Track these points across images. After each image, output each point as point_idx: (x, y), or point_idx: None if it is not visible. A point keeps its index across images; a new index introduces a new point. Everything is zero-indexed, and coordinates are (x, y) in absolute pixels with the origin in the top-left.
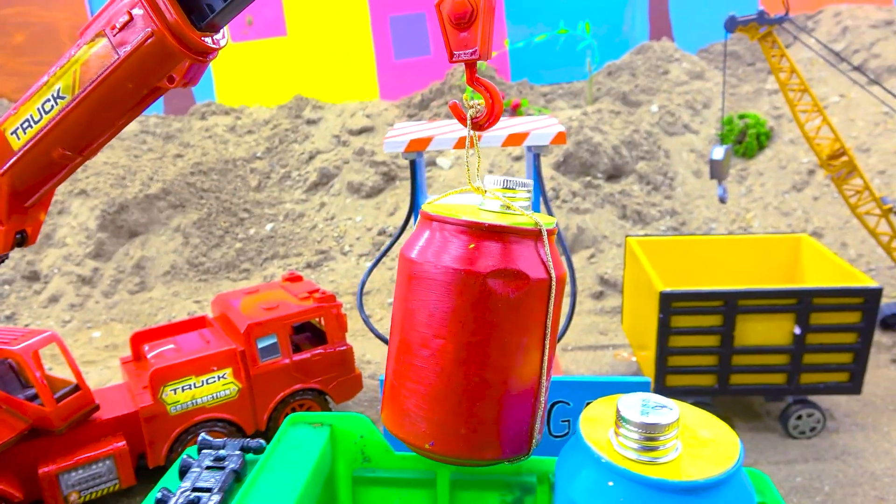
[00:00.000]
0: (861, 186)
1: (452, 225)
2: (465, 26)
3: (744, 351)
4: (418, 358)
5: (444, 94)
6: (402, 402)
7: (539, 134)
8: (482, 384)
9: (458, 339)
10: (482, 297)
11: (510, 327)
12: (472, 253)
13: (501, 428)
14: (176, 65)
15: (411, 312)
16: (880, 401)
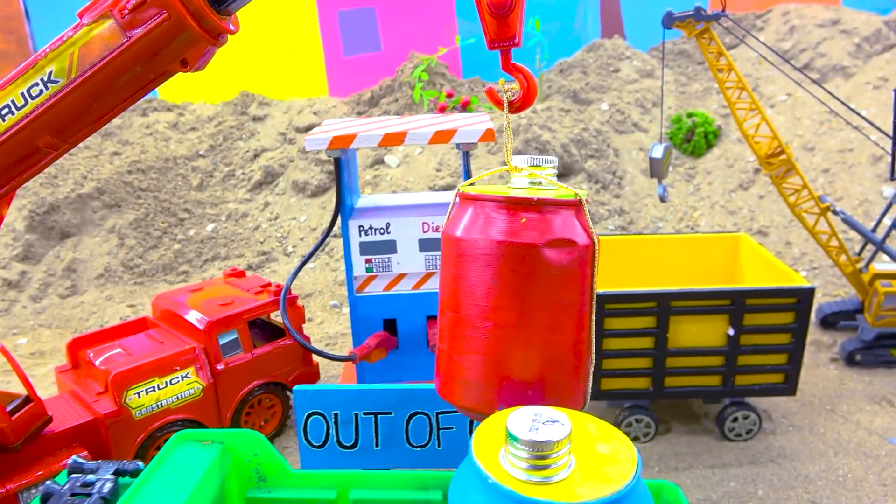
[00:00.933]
0: (799, 185)
1: (500, 202)
2: (503, 16)
3: (678, 353)
4: (480, 330)
5: (394, 90)
6: (465, 374)
7: (467, 131)
8: (545, 346)
9: (521, 308)
10: (539, 266)
11: (565, 291)
12: (525, 226)
13: (563, 385)
14: (191, 48)
15: (468, 289)
16: (817, 401)
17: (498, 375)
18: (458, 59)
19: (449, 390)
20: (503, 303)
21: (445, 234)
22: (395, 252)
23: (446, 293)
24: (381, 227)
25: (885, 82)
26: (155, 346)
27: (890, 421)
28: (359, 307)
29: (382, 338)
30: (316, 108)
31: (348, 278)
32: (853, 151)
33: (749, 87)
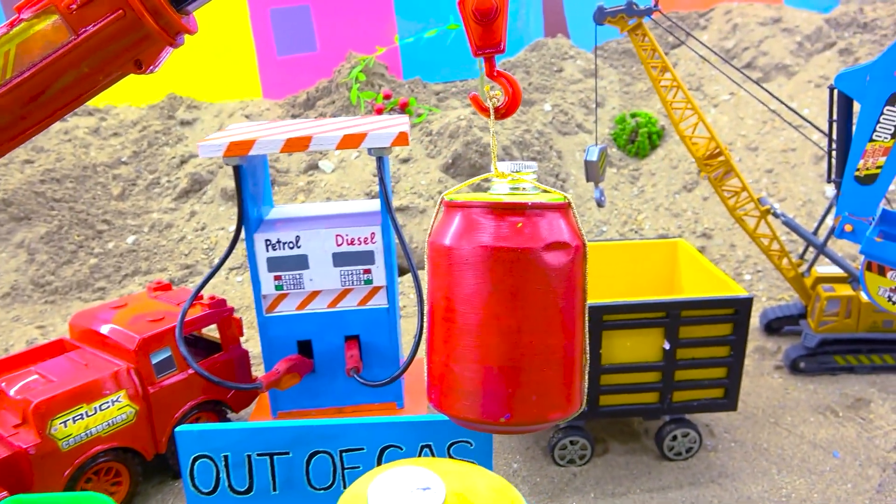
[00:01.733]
0: (739, 187)
1: (495, 208)
2: (488, 23)
3: (613, 370)
4: (482, 339)
5: (331, 92)
6: (467, 385)
7: (378, 135)
8: (546, 350)
9: (523, 313)
10: (537, 270)
11: (563, 293)
12: (521, 231)
13: (564, 388)
14: (148, 48)
15: (466, 298)
16: (761, 413)
17: (503, 383)
18: (397, 58)
19: (450, 403)
20: (504, 309)
21: (436, 244)
22: (307, 268)
23: (440, 303)
24: (291, 240)
25: (827, 80)
26: (78, 370)
27: (833, 433)
28: (269, 328)
29: (295, 362)
30: (248, 111)
31: (256, 297)
32: (796, 151)
33: (693, 86)
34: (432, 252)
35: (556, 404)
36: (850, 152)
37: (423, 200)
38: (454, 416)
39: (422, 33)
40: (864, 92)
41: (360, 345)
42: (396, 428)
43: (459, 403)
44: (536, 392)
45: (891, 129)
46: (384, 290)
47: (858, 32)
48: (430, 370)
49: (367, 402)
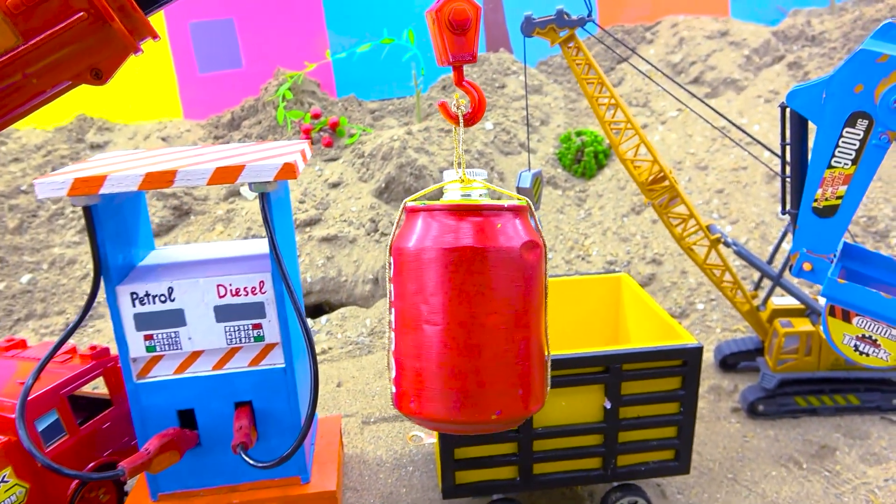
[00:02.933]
0: (686, 214)
1: (455, 210)
2: (462, 32)
3: (547, 434)
4: (469, 339)
5: (258, 111)
6: (457, 386)
7: (258, 167)
8: (528, 345)
9: (509, 309)
10: (520, 267)
11: (537, 290)
12: (486, 231)
13: (540, 380)
14: (109, 55)
15: (449, 301)
16: (718, 467)
17: (491, 381)
18: (330, 75)
19: (436, 409)
20: (492, 307)
21: (401, 248)
22: (184, 324)
23: (420, 313)
24: (162, 293)
25: (776, 95)
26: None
27: (798, 489)
28: (141, 397)
29: (172, 437)
30: (166, 133)
31: (123, 361)
32: (747, 170)
33: (640, 102)
34: (398, 257)
35: (535, 397)
36: (807, 180)
37: (353, 229)
38: (443, 421)
39: (355, 48)
40: (820, 111)
41: (253, 412)
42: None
43: (446, 409)
44: (522, 386)
45: (851, 153)
46: (279, 347)
47: (807, 45)
48: (405, 379)
49: (265, 478)
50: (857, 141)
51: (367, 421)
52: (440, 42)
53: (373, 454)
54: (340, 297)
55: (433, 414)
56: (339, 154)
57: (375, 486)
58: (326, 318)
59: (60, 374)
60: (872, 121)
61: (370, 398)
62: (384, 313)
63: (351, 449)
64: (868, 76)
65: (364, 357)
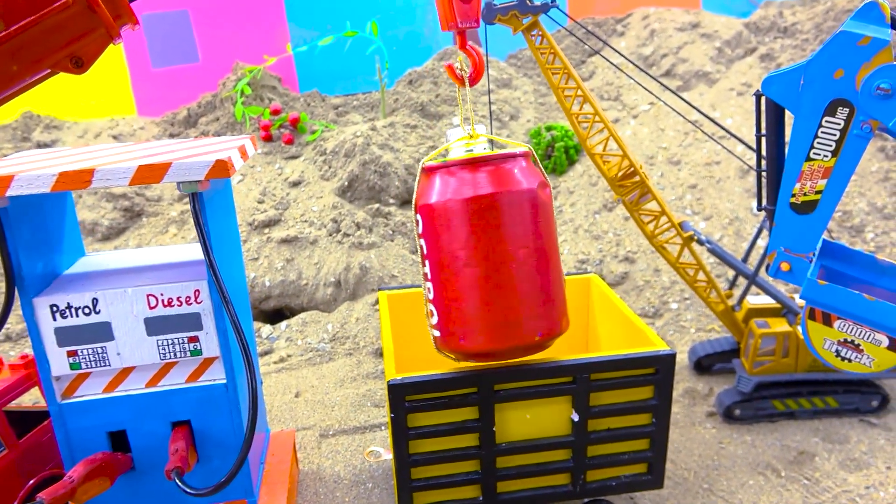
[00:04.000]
0: (657, 211)
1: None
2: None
3: (511, 450)
4: (504, 274)
5: (215, 107)
6: (501, 318)
7: (185, 165)
8: (554, 272)
9: (534, 243)
10: (535, 204)
11: (551, 224)
12: (513, 176)
13: (565, 302)
14: (91, 43)
15: (481, 244)
16: (693, 477)
17: (533, 306)
18: (292, 69)
19: (480, 343)
20: (521, 243)
21: (430, 205)
22: (112, 339)
23: (451, 256)
24: (86, 305)
25: (749, 88)
26: None
27: (777, 499)
28: (67, 418)
29: (100, 462)
30: (118, 131)
31: (45, 380)
32: (720, 164)
33: (611, 96)
34: (425, 214)
35: (567, 316)
36: (784, 174)
37: (314, 229)
38: (494, 351)
39: (317, 41)
40: (797, 99)
41: (192, 433)
42: None
43: (494, 337)
44: (557, 308)
45: (831, 144)
46: (219, 361)
47: (779, 37)
48: (450, 321)
49: (206, 503)
50: (838, 131)
51: (326, 434)
52: (448, 9)
53: (330, 470)
54: (301, 302)
55: (483, 346)
56: (301, 151)
57: None
58: (286, 324)
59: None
60: (854, 109)
61: (329, 409)
62: (347, 318)
63: (307, 465)
64: (848, 60)
65: (325, 365)
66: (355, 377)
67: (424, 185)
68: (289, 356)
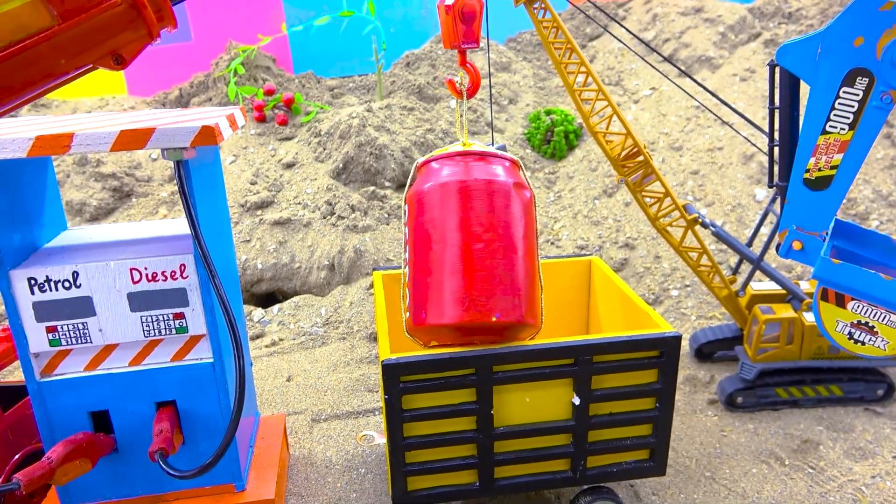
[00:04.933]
0: (661, 192)
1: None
2: (470, 22)
3: (509, 434)
4: (472, 254)
5: (208, 87)
6: (463, 293)
7: (170, 131)
8: (521, 263)
9: (505, 232)
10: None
11: (528, 223)
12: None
13: (534, 298)
14: (135, 42)
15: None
16: (694, 465)
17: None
18: (286, 49)
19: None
20: (493, 228)
21: (419, 190)
22: (93, 314)
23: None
24: (66, 278)
25: (753, 74)
26: None
27: (781, 488)
28: (46, 397)
29: (81, 442)
30: (108, 110)
31: (23, 357)
32: (723, 150)
33: (612, 80)
34: (413, 201)
35: (532, 311)
36: (798, 148)
37: (308, 212)
38: (452, 325)
39: (312, 21)
40: (814, 69)
41: (177, 414)
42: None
43: (454, 311)
44: (517, 296)
45: (849, 117)
46: (205, 339)
47: (784, 23)
48: (418, 296)
49: (192, 486)
50: (856, 102)
51: (318, 418)
52: (451, 30)
53: (321, 455)
54: (294, 285)
55: (443, 319)
56: (295, 133)
57: (323, 491)
58: (278, 308)
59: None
60: (873, 79)
61: (322, 393)
62: (340, 302)
63: (298, 450)
64: (869, 27)
65: (317, 349)
66: (349, 362)
67: (417, 179)
68: (281, 340)
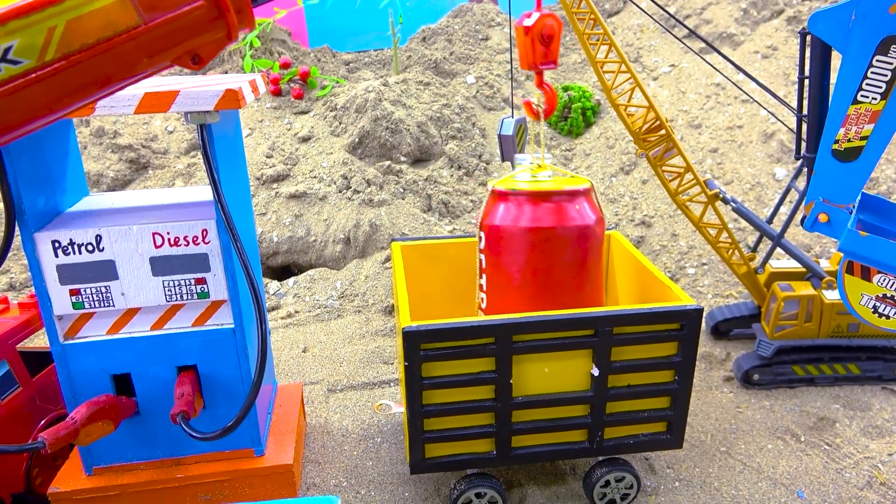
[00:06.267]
0: (682, 167)
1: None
2: (548, 44)
3: (527, 403)
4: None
5: (223, 60)
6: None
7: (194, 94)
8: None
9: (583, 271)
10: (584, 238)
11: (596, 252)
12: (570, 212)
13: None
14: (214, 42)
15: (532, 268)
16: (710, 440)
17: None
18: (302, 23)
19: None
20: (576, 271)
21: (495, 226)
22: (116, 278)
23: (505, 275)
24: (89, 241)
25: (775, 51)
26: None
27: (796, 464)
28: (70, 360)
29: (104, 404)
30: None
31: (46, 319)
32: (742, 128)
33: (631, 57)
34: (489, 233)
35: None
36: (828, 118)
37: (324, 185)
38: None
39: None
40: (847, 37)
41: (198, 378)
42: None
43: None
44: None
45: (881, 86)
46: (226, 305)
47: None
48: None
49: (212, 450)
50: (889, 71)
51: (334, 389)
52: (529, 51)
53: (338, 424)
54: (309, 258)
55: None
56: (310, 107)
57: (339, 458)
58: (294, 281)
59: (3, 325)
60: None
61: (338, 364)
62: (356, 275)
63: (314, 419)
64: None
65: (333, 321)
66: (364, 334)
67: (492, 206)
68: (296, 312)
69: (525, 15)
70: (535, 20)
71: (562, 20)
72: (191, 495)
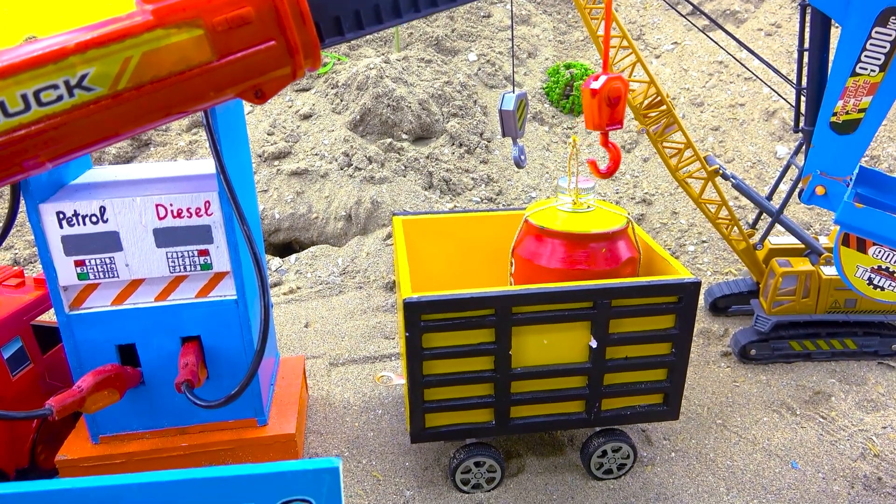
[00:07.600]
0: (682, 143)
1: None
2: (615, 105)
3: (526, 374)
4: None
5: None
6: None
7: None
8: None
9: None
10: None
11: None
12: (602, 256)
13: None
14: (279, 81)
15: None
16: (706, 413)
17: None
18: None
19: None
20: None
21: (529, 261)
22: (120, 249)
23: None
24: (93, 213)
25: (778, 29)
26: None
27: (791, 436)
28: (75, 330)
29: (109, 373)
30: None
31: (52, 290)
32: (745, 106)
33: (633, 35)
34: (520, 263)
35: None
36: (826, 91)
37: (325, 163)
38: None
39: None
40: (846, 8)
41: (202, 349)
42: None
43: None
44: None
45: (880, 58)
46: (229, 276)
47: None
48: None
49: (216, 419)
50: (888, 43)
51: (335, 362)
52: (596, 113)
53: (339, 396)
54: (311, 235)
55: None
56: (311, 84)
57: (341, 429)
58: (296, 257)
59: (15, 301)
60: None
61: (339, 339)
62: (357, 252)
63: (316, 391)
64: None
65: (334, 297)
66: (365, 310)
67: (524, 236)
68: (298, 288)
69: (592, 78)
70: (602, 83)
71: (626, 80)
72: (195, 463)
